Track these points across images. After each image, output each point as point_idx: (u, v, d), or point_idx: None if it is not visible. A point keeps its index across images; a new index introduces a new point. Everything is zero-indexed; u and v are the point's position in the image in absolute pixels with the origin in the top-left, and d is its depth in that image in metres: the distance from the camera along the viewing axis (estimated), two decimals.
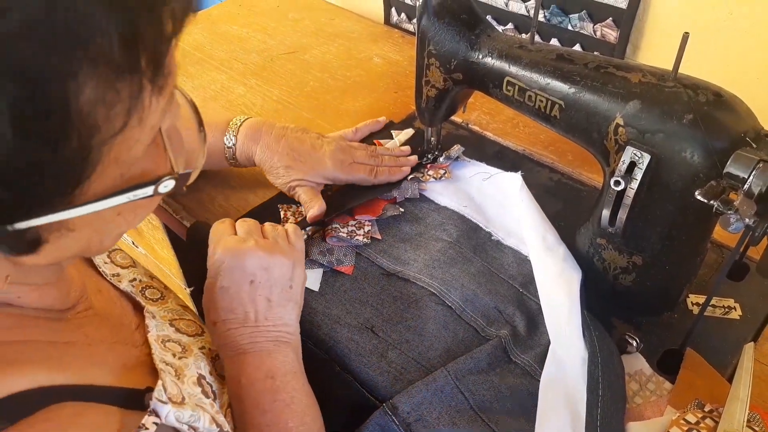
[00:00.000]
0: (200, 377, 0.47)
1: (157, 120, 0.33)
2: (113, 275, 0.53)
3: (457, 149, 0.84)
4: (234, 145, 0.73)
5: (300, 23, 1.23)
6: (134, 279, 0.55)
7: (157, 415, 0.39)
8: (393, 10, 1.22)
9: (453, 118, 0.89)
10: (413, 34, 1.18)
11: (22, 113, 0.26)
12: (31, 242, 0.32)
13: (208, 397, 0.46)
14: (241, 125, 0.74)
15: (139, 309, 0.51)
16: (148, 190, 0.34)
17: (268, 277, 0.54)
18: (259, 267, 0.53)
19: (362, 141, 0.87)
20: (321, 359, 0.61)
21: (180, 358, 0.48)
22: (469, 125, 0.92)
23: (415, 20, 1.18)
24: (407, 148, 0.84)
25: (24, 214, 0.29)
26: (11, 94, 0.25)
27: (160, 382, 0.41)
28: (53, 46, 0.26)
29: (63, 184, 0.29)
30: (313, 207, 0.71)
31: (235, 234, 0.57)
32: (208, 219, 0.76)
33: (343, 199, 0.75)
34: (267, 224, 0.59)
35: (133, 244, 1.28)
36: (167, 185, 0.35)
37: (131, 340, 0.47)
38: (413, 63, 0.74)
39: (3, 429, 0.32)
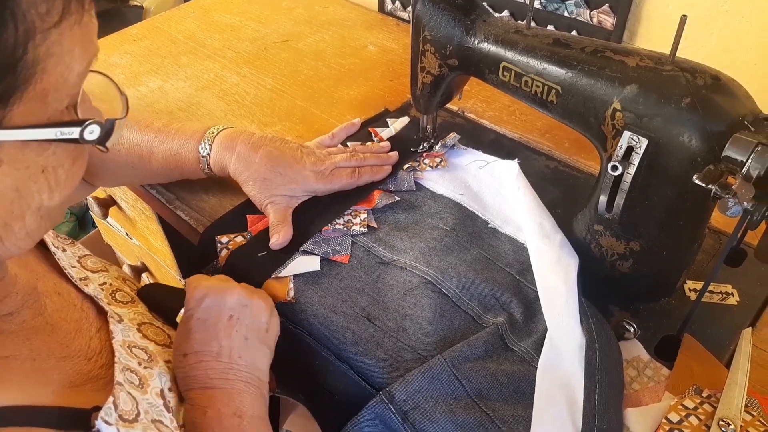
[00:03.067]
0: (162, 392, 0.46)
1: (82, 56, 0.34)
2: (80, 279, 0.52)
3: (452, 137, 0.83)
4: (208, 154, 0.70)
5: (293, 11, 1.22)
6: (104, 282, 0.54)
7: None
8: None
9: (448, 105, 0.89)
10: (408, 22, 1.17)
11: None
12: None
13: (169, 411, 0.45)
14: (217, 134, 0.71)
15: (102, 314, 0.50)
16: (74, 131, 0.35)
17: (246, 315, 0.55)
18: (239, 304, 0.55)
19: (358, 132, 0.86)
20: (316, 348, 0.61)
21: (145, 367, 0.47)
22: (465, 113, 0.92)
23: (409, 8, 1.17)
24: (387, 144, 0.82)
25: None
26: None
27: (111, 399, 0.40)
28: None
29: None
30: (279, 233, 0.68)
31: None
32: (203, 208, 0.75)
33: (330, 205, 0.73)
34: (242, 283, 0.60)
35: (128, 235, 1.27)
36: (92, 130, 0.36)
37: (85, 352, 0.45)
38: (408, 51, 0.73)
39: None
